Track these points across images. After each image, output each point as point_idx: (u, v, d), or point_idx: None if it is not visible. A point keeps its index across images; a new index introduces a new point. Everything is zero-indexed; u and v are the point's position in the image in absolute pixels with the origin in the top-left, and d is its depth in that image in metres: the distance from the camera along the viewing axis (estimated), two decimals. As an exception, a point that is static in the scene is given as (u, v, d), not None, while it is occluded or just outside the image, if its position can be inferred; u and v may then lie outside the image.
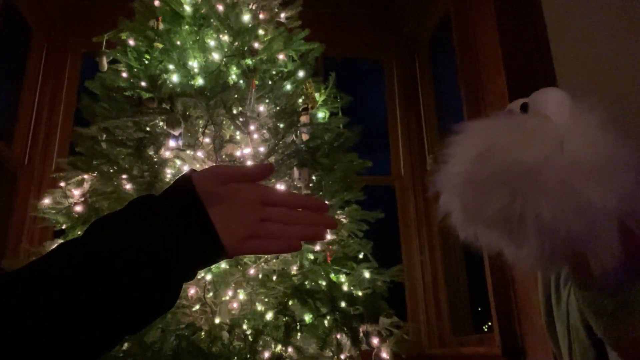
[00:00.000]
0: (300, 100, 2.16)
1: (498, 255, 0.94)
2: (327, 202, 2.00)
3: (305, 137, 2.03)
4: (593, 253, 0.82)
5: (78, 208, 1.83)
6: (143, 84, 1.95)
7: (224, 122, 1.95)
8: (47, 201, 1.89)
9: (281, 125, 1.97)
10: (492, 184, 0.85)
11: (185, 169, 1.91)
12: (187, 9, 2.07)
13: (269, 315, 1.71)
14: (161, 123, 1.89)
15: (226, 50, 2.02)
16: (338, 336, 1.76)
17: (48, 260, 0.47)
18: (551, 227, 0.79)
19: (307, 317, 1.75)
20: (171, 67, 1.99)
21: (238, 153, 1.94)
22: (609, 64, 1.82)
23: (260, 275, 1.78)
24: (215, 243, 0.50)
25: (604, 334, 0.88)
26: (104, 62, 2.12)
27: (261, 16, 2.18)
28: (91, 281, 0.45)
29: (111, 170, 1.83)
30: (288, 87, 2.08)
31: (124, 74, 2.05)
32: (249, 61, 2.01)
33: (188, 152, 1.88)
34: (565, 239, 0.80)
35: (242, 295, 1.77)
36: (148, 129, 1.89)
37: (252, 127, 1.93)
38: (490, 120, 0.99)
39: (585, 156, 0.82)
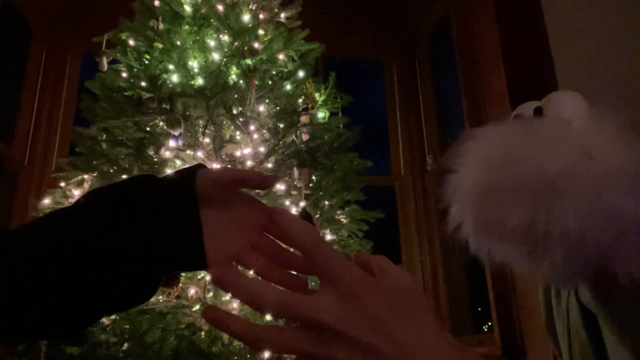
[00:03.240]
0: (300, 100, 2.16)
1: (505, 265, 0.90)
2: (327, 202, 2.00)
3: (305, 137, 2.03)
4: (621, 265, 0.79)
5: (78, 208, 1.82)
6: (143, 84, 1.95)
7: (224, 122, 1.95)
8: (47, 201, 1.89)
9: (281, 125, 1.97)
10: (512, 196, 0.81)
11: (185, 169, 1.91)
12: (187, 9, 2.07)
13: (269, 315, 1.71)
14: (161, 123, 1.89)
15: (226, 50, 2.02)
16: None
17: (37, 225, 0.47)
18: (578, 240, 0.76)
19: (307, 317, 1.75)
20: (171, 67, 1.99)
21: (238, 153, 1.94)
22: (609, 63, 1.82)
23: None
24: (198, 250, 0.47)
25: (630, 349, 0.84)
26: (104, 62, 2.12)
27: (261, 16, 2.18)
28: (73, 256, 0.45)
29: (111, 170, 1.83)
30: (288, 87, 2.08)
31: (124, 74, 2.05)
32: (249, 61, 2.01)
33: (188, 152, 1.88)
34: (592, 251, 0.77)
35: (242, 295, 1.77)
36: (148, 129, 1.89)
37: (252, 127, 1.94)
38: (501, 126, 0.94)
39: (614, 165, 0.79)
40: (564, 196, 0.78)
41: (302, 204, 1.85)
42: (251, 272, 0.50)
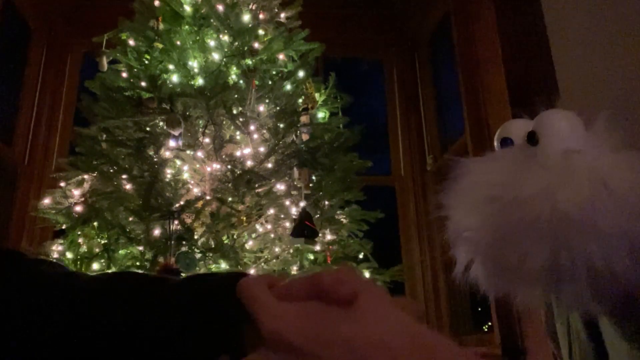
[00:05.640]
0: (300, 100, 2.16)
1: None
2: (327, 202, 2.00)
3: (305, 137, 2.03)
4: None
5: (78, 208, 1.83)
6: (143, 84, 1.95)
7: (224, 122, 1.95)
8: (47, 201, 1.89)
9: (281, 125, 1.97)
10: (530, 238, 0.77)
11: (185, 169, 1.91)
12: (187, 9, 2.07)
13: None
14: (161, 123, 1.89)
15: (226, 50, 2.02)
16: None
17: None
18: (606, 275, 0.74)
19: (307, 317, 1.75)
20: (171, 67, 1.99)
21: (238, 153, 1.94)
22: (608, 64, 1.82)
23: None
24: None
25: None
26: (104, 62, 2.12)
27: (261, 16, 2.18)
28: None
29: (111, 170, 1.83)
30: (288, 87, 2.08)
31: (124, 74, 2.05)
32: (249, 61, 2.01)
33: (188, 152, 1.88)
34: (620, 283, 0.75)
35: (242, 295, 1.77)
36: (148, 129, 1.89)
37: (252, 127, 1.93)
38: (499, 160, 0.90)
39: (632, 193, 0.76)
40: (586, 233, 0.75)
41: (302, 204, 1.85)
42: None
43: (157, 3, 2.08)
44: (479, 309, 2.79)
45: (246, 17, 2.09)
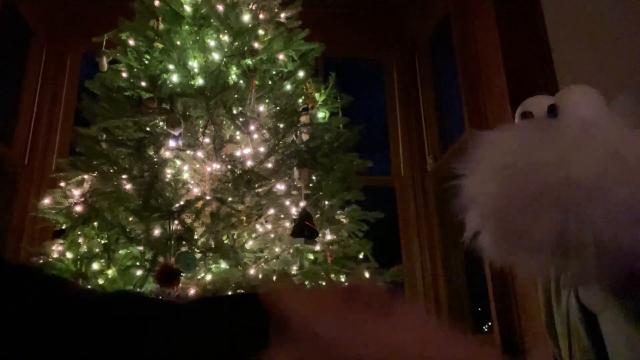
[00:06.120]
0: (300, 100, 2.16)
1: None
2: (327, 202, 2.00)
3: (305, 137, 2.03)
4: None
5: (78, 208, 1.83)
6: (143, 84, 1.95)
7: (224, 122, 1.95)
8: (47, 201, 1.89)
9: (281, 125, 1.97)
10: (540, 204, 0.77)
11: (185, 169, 1.91)
12: (187, 9, 2.07)
13: None
14: (161, 123, 1.89)
15: (226, 50, 2.02)
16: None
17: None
18: (613, 246, 0.74)
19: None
20: (171, 67, 1.99)
21: (238, 153, 1.94)
22: (608, 63, 1.82)
23: (260, 275, 1.78)
24: None
25: None
26: (104, 62, 2.12)
27: (261, 16, 2.18)
28: None
29: (111, 170, 1.83)
30: (288, 87, 2.08)
31: (124, 74, 2.05)
32: (249, 61, 2.01)
33: (188, 152, 1.88)
34: (627, 256, 0.74)
35: (242, 295, 1.77)
36: (148, 129, 1.89)
37: (252, 127, 1.94)
38: (515, 129, 0.90)
39: None
40: (595, 202, 0.74)
41: (302, 204, 1.85)
42: None
43: (157, 3, 2.08)
44: (479, 309, 2.79)
45: (246, 17, 2.09)
